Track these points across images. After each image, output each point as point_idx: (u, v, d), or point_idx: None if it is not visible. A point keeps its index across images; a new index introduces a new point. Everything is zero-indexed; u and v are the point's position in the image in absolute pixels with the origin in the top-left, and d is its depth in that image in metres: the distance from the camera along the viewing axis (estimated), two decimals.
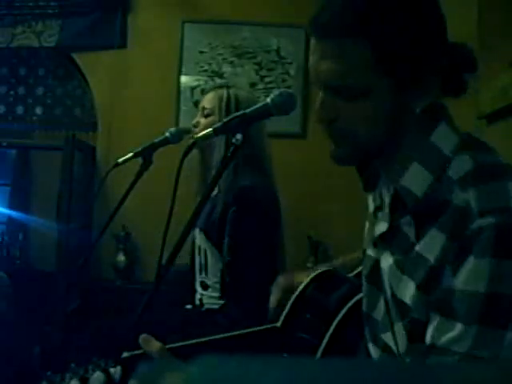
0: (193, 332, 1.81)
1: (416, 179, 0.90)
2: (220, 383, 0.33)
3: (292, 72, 3.41)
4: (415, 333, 0.90)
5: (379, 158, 0.97)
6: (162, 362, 1.02)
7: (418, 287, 0.88)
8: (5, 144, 3.38)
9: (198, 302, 1.97)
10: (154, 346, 0.95)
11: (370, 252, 1.04)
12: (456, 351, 0.81)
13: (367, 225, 1.09)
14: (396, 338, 0.96)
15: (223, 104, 1.94)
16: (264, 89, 3.37)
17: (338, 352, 1.10)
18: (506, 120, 1.78)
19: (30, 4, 3.40)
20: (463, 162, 0.87)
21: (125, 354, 0.93)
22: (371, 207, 1.04)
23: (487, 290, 0.80)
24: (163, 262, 1.16)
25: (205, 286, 1.94)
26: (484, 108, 1.85)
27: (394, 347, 0.98)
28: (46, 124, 3.63)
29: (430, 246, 0.87)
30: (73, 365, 0.89)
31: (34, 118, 3.64)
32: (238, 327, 1.80)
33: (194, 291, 2.01)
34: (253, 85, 3.40)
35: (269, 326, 1.22)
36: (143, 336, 0.97)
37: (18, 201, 3.63)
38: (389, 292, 0.97)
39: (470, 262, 0.81)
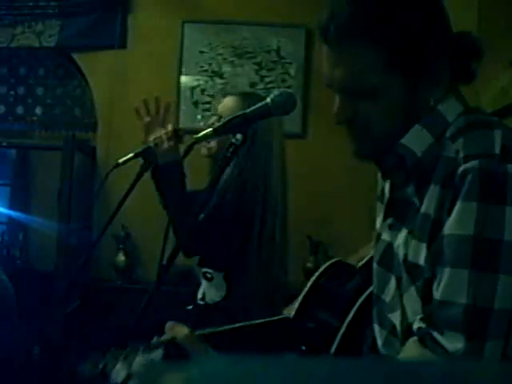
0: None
1: (416, 138, 0.94)
2: (220, 383, 0.33)
3: (292, 72, 3.41)
4: (428, 294, 0.91)
5: None
6: (161, 362, 1.02)
7: (429, 246, 0.90)
8: (5, 144, 3.38)
9: (200, 296, 1.97)
10: (182, 330, 0.95)
11: (385, 236, 1.06)
12: (456, 302, 0.83)
13: (381, 213, 1.11)
14: (406, 309, 0.97)
15: None
16: (264, 89, 3.37)
17: (354, 341, 1.10)
18: (506, 120, 1.78)
19: (30, 4, 3.40)
20: (458, 122, 0.92)
21: (153, 341, 0.93)
22: (387, 195, 1.06)
23: (475, 233, 0.82)
24: (163, 262, 1.16)
25: (209, 278, 1.94)
26: (484, 108, 1.85)
27: (398, 327, 0.99)
28: (46, 124, 3.63)
29: (430, 201, 0.90)
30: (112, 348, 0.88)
31: (34, 118, 3.64)
32: (234, 323, 1.81)
33: (198, 288, 2.02)
34: (253, 85, 3.40)
35: (281, 317, 1.22)
36: (168, 323, 0.97)
37: (18, 201, 3.63)
38: (401, 261, 0.98)
39: (458, 207, 0.84)
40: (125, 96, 3.41)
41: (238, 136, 1.22)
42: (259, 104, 1.26)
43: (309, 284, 1.24)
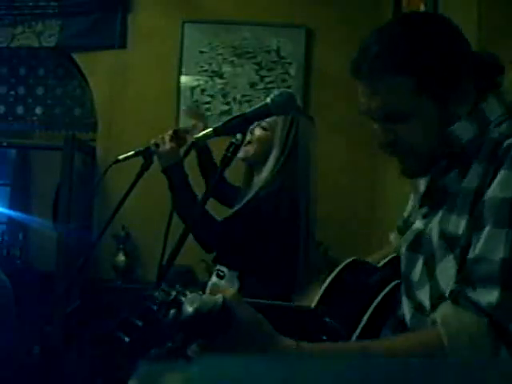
0: None
1: (462, 129, 1.02)
2: (220, 383, 0.33)
3: (292, 72, 3.41)
4: (463, 261, 0.96)
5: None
6: (161, 362, 1.02)
7: (469, 217, 0.96)
8: (5, 144, 3.38)
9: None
10: (229, 291, 0.95)
11: (418, 225, 1.12)
12: (493, 258, 0.89)
13: (413, 202, 1.21)
14: (437, 281, 1.01)
15: (285, 128, 1.92)
16: (264, 89, 3.37)
17: (376, 331, 1.13)
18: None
19: (30, 4, 3.40)
20: (500, 118, 1.01)
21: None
22: (422, 188, 1.13)
23: None
24: (163, 262, 1.16)
25: (221, 276, 1.95)
26: None
27: (427, 301, 1.04)
28: (46, 124, 3.64)
29: (472, 178, 0.97)
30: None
31: (34, 117, 3.65)
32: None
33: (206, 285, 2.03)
34: (253, 85, 3.40)
35: (302, 305, 1.23)
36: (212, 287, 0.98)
37: (18, 201, 3.64)
38: (436, 238, 1.03)
39: (501, 174, 0.92)
40: (125, 96, 3.41)
41: (238, 136, 1.22)
42: (259, 104, 1.27)
43: (329, 278, 1.25)
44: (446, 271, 1.00)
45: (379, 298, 1.14)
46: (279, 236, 1.91)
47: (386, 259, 1.34)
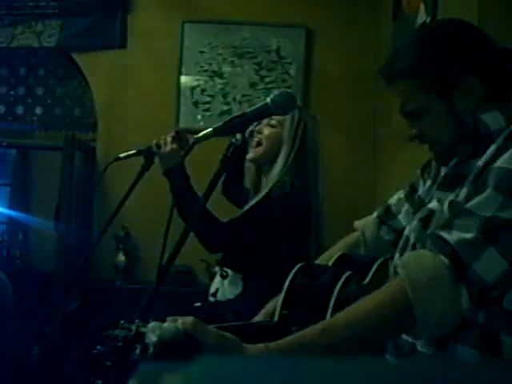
0: None
1: (491, 118, 1.12)
2: (220, 383, 0.33)
3: (292, 72, 3.41)
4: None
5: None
6: (161, 362, 1.02)
7: (472, 184, 1.04)
8: (5, 144, 3.37)
9: (212, 291, 1.98)
10: (187, 319, 0.96)
11: (432, 206, 1.19)
12: (480, 214, 0.96)
13: (427, 185, 1.31)
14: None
15: (294, 123, 1.94)
16: (264, 89, 3.37)
17: None
18: None
19: (30, 4, 3.40)
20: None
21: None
22: (443, 173, 1.23)
23: None
24: (163, 262, 1.16)
25: (224, 276, 1.95)
26: None
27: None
28: (46, 124, 3.64)
29: (486, 157, 1.05)
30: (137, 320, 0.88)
31: (34, 118, 3.65)
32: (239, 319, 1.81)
33: (210, 284, 2.03)
34: (253, 85, 3.40)
35: (266, 321, 1.23)
36: (168, 319, 0.98)
37: (18, 201, 3.63)
38: (446, 206, 1.11)
39: (509, 151, 0.99)
40: (125, 96, 3.41)
41: (238, 136, 1.22)
42: (259, 104, 1.27)
43: (284, 289, 1.25)
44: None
45: (335, 293, 1.16)
46: (291, 238, 1.91)
47: (335, 257, 1.38)
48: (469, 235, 0.94)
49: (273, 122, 1.95)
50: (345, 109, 3.35)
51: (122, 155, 1.76)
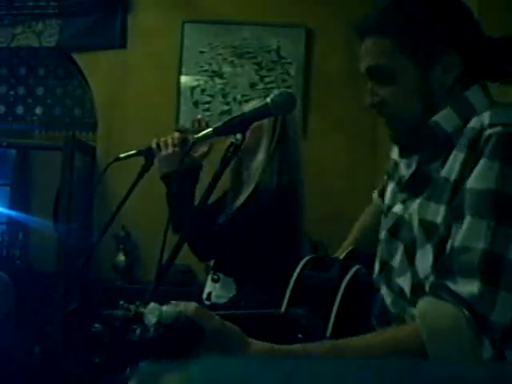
0: None
1: (446, 118, 1.04)
2: (220, 383, 0.33)
3: (292, 72, 3.41)
4: (441, 251, 0.97)
5: None
6: (161, 362, 1.02)
7: (448, 205, 0.97)
8: (5, 144, 3.38)
9: (205, 296, 1.97)
10: (189, 305, 0.94)
11: (397, 209, 1.13)
12: (474, 247, 0.89)
13: (391, 188, 1.21)
14: (416, 267, 1.02)
15: (272, 117, 1.91)
16: (264, 89, 3.37)
17: (347, 322, 1.13)
18: None
19: (30, 4, 3.40)
20: (484, 110, 1.02)
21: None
22: (403, 172, 1.14)
23: (497, 188, 0.90)
24: (163, 261, 1.16)
25: (215, 280, 1.94)
26: None
27: (407, 288, 1.04)
28: (46, 124, 3.64)
29: (452, 166, 0.99)
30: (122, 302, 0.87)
31: (34, 117, 3.65)
32: (238, 325, 1.80)
33: (204, 286, 2.02)
34: (253, 85, 3.40)
35: (273, 311, 1.23)
36: (171, 302, 0.96)
37: (18, 201, 3.63)
38: (416, 224, 1.04)
39: (481, 164, 0.92)
40: (125, 96, 3.41)
41: (238, 136, 1.22)
42: (259, 104, 1.26)
43: (292, 280, 1.25)
44: (425, 259, 1.00)
45: (342, 286, 1.16)
46: (282, 234, 1.89)
47: (345, 252, 1.37)
48: (475, 288, 0.88)
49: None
50: (345, 109, 3.35)
51: (122, 155, 1.76)
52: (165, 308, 0.83)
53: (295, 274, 1.26)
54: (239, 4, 3.43)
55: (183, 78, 3.42)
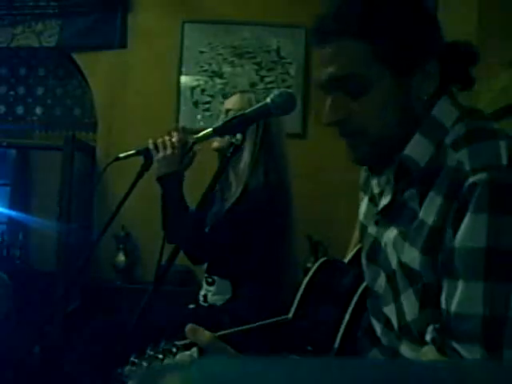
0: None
1: (418, 148, 0.94)
2: (220, 383, 0.33)
3: (292, 72, 3.41)
4: (427, 298, 0.92)
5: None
6: (161, 362, 1.02)
7: (422, 251, 0.91)
8: (5, 144, 3.37)
9: (201, 299, 1.97)
10: (205, 335, 0.93)
11: (371, 230, 1.06)
12: (472, 314, 0.83)
13: (365, 205, 1.12)
14: (402, 307, 0.97)
15: (253, 105, 1.89)
16: (264, 89, 3.37)
17: (356, 334, 1.11)
18: (506, 120, 1.78)
19: (30, 4, 3.40)
20: (458, 129, 0.93)
21: (177, 343, 0.91)
22: (376, 190, 1.06)
23: (487, 245, 0.82)
24: (163, 262, 1.16)
25: (210, 282, 1.94)
26: (484, 108, 1.84)
27: (394, 321, 0.99)
28: (46, 124, 3.63)
29: (429, 209, 0.90)
30: (149, 349, 0.86)
31: (34, 117, 3.65)
32: (239, 324, 1.80)
33: (200, 288, 2.02)
34: (253, 85, 3.40)
35: (280, 319, 1.22)
36: (190, 326, 0.95)
37: (18, 201, 3.63)
38: (395, 262, 0.98)
39: (468, 219, 0.84)
40: (125, 96, 3.41)
41: (238, 136, 1.22)
42: (259, 104, 1.27)
43: (303, 284, 1.24)
44: (409, 303, 0.96)
45: (353, 302, 1.12)
46: (273, 232, 1.89)
47: (353, 252, 1.34)
48: (478, 355, 0.83)
49: (231, 113, 1.91)
50: None
51: (121, 155, 1.76)
52: (180, 359, 0.82)
53: (306, 279, 1.25)
54: (239, 4, 3.42)
55: (183, 78, 3.42)
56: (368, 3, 0.94)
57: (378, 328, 1.05)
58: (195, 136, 1.77)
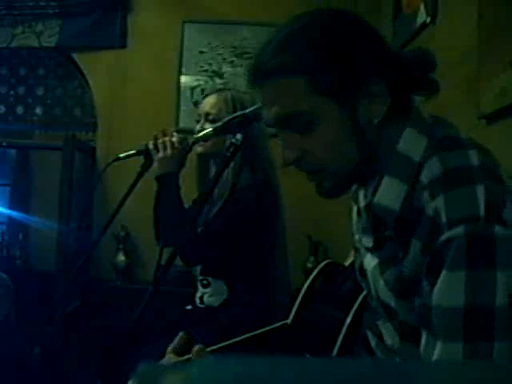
0: (193, 331, 1.81)
1: (390, 193, 0.90)
2: (220, 383, 0.33)
3: None
4: (405, 333, 0.90)
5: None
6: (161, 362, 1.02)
7: (398, 296, 0.89)
8: (5, 144, 3.37)
9: (198, 301, 1.97)
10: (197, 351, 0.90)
11: (359, 245, 1.04)
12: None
13: (355, 215, 1.08)
14: (383, 336, 0.97)
15: (230, 108, 1.89)
16: None
17: (354, 343, 1.10)
18: (506, 120, 1.78)
19: (30, 4, 3.40)
20: (433, 166, 0.86)
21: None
22: (362, 203, 1.02)
23: (465, 304, 0.78)
24: (162, 262, 1.16)
25: (206, 284, 1.94)
26: (484, 108, 1.84)
27: (386, 337, 0.98)
28: (46, 124, 3.64)
29: (408, 257, 0.86)
30: None
31: (34, 117, 3.65)
32: (237, 324, 1.80)
33: (196, 290, 2.01)
34: None
35: (278, 325, 1.22)
36: (198, 348, 0.92)
37: (18, 201, 3.63)
38: (373, 292, 0.97)
39: (444, 277, 0.79)
40: (125, 96, 3.41)
41: (238, 136, 1.22)
42: (259, 104, 1.26)
43: (304, 288, 1.22)
44: (391, 335, 0.94)
45: (353, 310, 1.10)
46: (264, 228, 1.89)
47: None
48: None
49: (211, 116, 1.90)
50: None
51: (121, 155, 1.76)
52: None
53: (307, 283, 1.24)
54: (239, 4, 3.43)
55: (183, 78, 3.42)
56: (297, 37, 0.91)
57: (372, 341, 1.03)
58: (195, 136, 1.77)
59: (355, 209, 1.07)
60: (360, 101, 0.89)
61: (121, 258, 3.26)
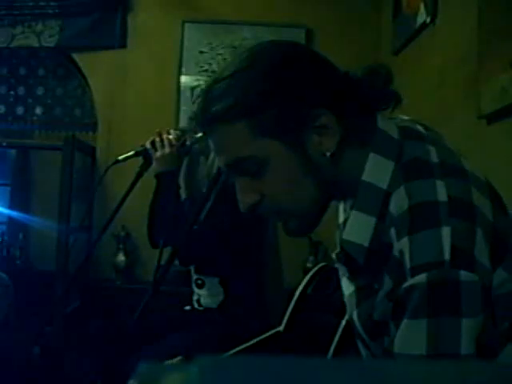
0: (192, 331, 1.81)
1: (358, 228, 0.87)
2: (220, 383, 0.33)
3: None
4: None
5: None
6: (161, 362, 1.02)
7: (369, 337, 0.88)
8: (5, 144, 3.38)
9: (196, 304, 1.97)
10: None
11: (337, 265, 1.01)
12: None
13: (338, 229, 1.05)
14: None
15: None
16: None
17: (350, 348, 1.09)
18: (506, 120, 1.78)
19: (30, 4, 3.40)
20: (400, 197, 0.82)
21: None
22: (341, 218, 1.00)
23: (428, 351, 0.75)
24: (162, 262, 1.16)
25: (200, 285, 1.93)
26: (484, 108, 1.84)
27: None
28: (46, 124, 3.63)
29: (383, 292, 0.84)
30: None
31: (34, 117, 3.64)
32: (236, 323, 1.80)
33: (192, 292, 2.01)
34: None
35: (270, 334, 1.21)
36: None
37: (18, 201, 3.63)
38: (349, 316, 0.96)
39: (405, 325, 0.77)
40: (125, 96, 3.41)
41: None
42: None
43: (296, 294, 1.21)
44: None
45: (343, 323, 1.08)
46: (255, 224, 1.88)
47: None
48: None
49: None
50: None
51: (120, 157, 1.76)
52: None
53: (300, 288, 1.22)
54: (239, 4, 3.43)
55: (183, 78, 3.42)
56: (239, 79, 0.86)
57: (363, 351, 1.00)
58: (195, 136, 1.78)
59: (339, 222, 1.04)
60: (308, 136, 0.86)
61: (121, 258, 3.26)
